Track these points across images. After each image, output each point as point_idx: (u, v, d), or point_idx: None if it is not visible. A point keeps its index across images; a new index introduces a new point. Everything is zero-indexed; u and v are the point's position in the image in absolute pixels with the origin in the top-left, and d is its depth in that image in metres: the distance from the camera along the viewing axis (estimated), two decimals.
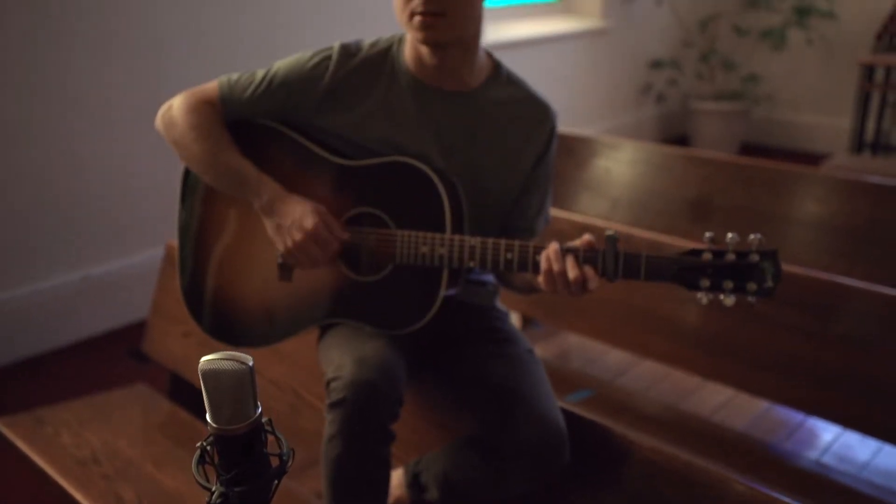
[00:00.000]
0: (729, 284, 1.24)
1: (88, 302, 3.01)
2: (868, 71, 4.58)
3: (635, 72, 5.40)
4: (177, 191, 3.21)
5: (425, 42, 1.37)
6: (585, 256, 1.28)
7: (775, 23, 5.16)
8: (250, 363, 0.78)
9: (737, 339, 2.05)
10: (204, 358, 0.78)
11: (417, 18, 1.34)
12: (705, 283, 1.25)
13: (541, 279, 1.30)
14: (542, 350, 2.93)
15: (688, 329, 2.16)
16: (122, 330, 3.10)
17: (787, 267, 1.49)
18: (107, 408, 2.08)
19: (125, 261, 3.11)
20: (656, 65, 5.36)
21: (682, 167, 3.05)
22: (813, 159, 4.98)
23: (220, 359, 0.78)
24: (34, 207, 2.84)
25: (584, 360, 2.94)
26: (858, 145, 4.67)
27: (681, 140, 5.65)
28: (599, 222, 2.36)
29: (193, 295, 1.56)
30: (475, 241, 1.35)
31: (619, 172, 3.23)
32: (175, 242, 2.13)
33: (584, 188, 3.27)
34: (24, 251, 2.85)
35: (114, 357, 2.91)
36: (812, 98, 5.41)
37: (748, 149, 5.49)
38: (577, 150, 3.28)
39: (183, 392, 2.16)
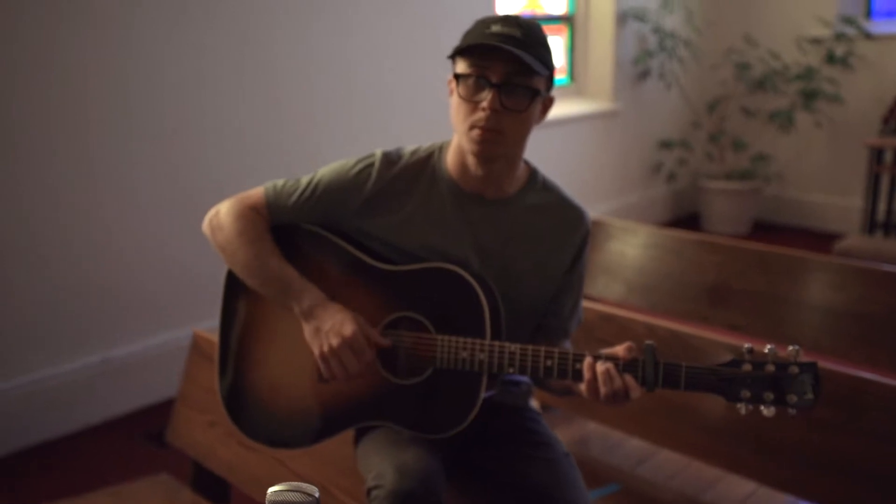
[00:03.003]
0: (769, 396, 1.25)
1: (108, 384, 3.02)
2: (877, 153, 4.66)
3: (646, 152, 5.49)
4: (197, 275, 3.25)
5: (478, 154, 1.42)
6: (625, 366, 1.30)
7: (782, 105, 5.27)
8: (316, 495, 0.79)
9: (761, 432, 2.03)
10: (271, 489, 0.79)
11: (476, 132, 1.38)
12: (746, 394, 1.26)
13: (583, 388, 1.32)
14: (560, 436, 2.89)
15: (711, 420, 2.15)
16: (141, 412, 3.09)
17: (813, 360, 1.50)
18: (129, 499, 2.06)
19: (145, 343, 3.12)
20: (666, 145, 5.45)
21: (697, 252, 3.07)
22: (825, 238, 5.02)
23: (288, 490, 0.79)
24: (54, 290, 2.87)
25: (604, 447, 2.91)
26: (870, 226, 4.71)
27: (692, 218, 5.71)
28: (622, 312, 2.36)
29: (232, 396, 1.57)
30: (515, 347, 1.37)
31: (634, 256, 3.25)
32: (203, 332, 2.16)
33: (601, 272, 3.30)
34: (44, 333, 2.87)
35: (133, 440, 2.90)
36: (821, 178, 5.49)
37: (760, 226, 5.54)
38: (593, 233, 3.30)
39: (206, 482, 2.14)
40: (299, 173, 1.62)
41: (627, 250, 3.27)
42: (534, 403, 1.70)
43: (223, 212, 1.53)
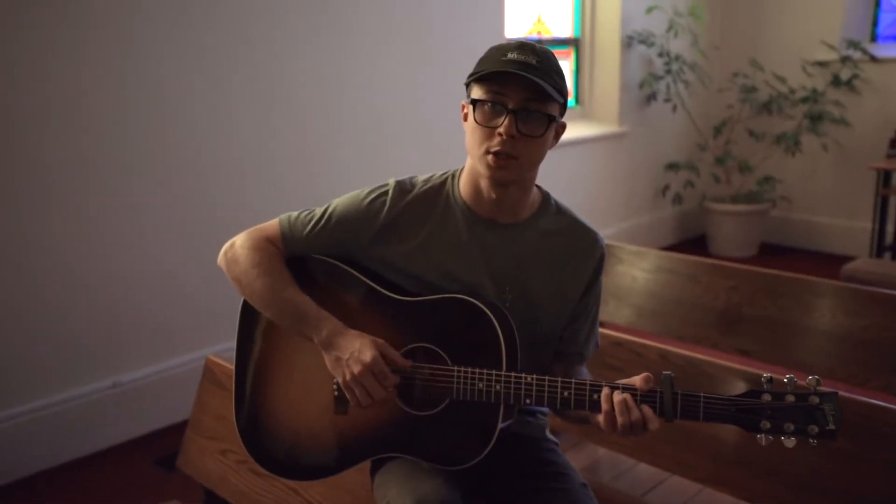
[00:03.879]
0: (790, 427, 1.24)
1: (118, 408, 3.01)
2: (884, 176, 4.66)
3: (652, 174, 5.50)
4: (207, 299, 3.25)
5: (492, 179, 1.43)
6: (643, 397, 1.29)
7: (788, 128, 5.28)
8: None
9: (773, 460, 2.01)
10: None
11: (491, 157, 1.39)
12: (766, 425, 1.25)
13: (601, 419, 1.31)
14: (569, 460, 2.89)
15: (721, 447, 2.13)
16: (150, 436, 3.08)
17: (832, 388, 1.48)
18: None
19: (155, 367, 3.12)
20: (672, 167, 5.47)
21: (707, 276, 3.07)
22: (833, 260, 5.02)
23: None
24: (64, 314, 2.87)
25: (614, 474, 2.89)
26: (878, 249, 4.70)
27: (699, 240, 5.71)
28: (634, 338, 2.36)
29: (249, 428, 1.57)
30: (531, 378, 1.36)
31: (643, 280, 3.25)
32: (215, 358, 2.16)
33: (610, 295, 3.29)
34: (55, 358, 2.87)
35: (144, 465, 2.89)
36: (828, 201, 5.49)
37: (767, 249, 5.54)
38: None
39: None
40: (310, 202, 1.62)
41: (637, 274, 3.27)
42: (548, 432, 1.69)
43: (238, 244, 1.53)
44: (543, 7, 4.91)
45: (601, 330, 2.45)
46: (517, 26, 4.75)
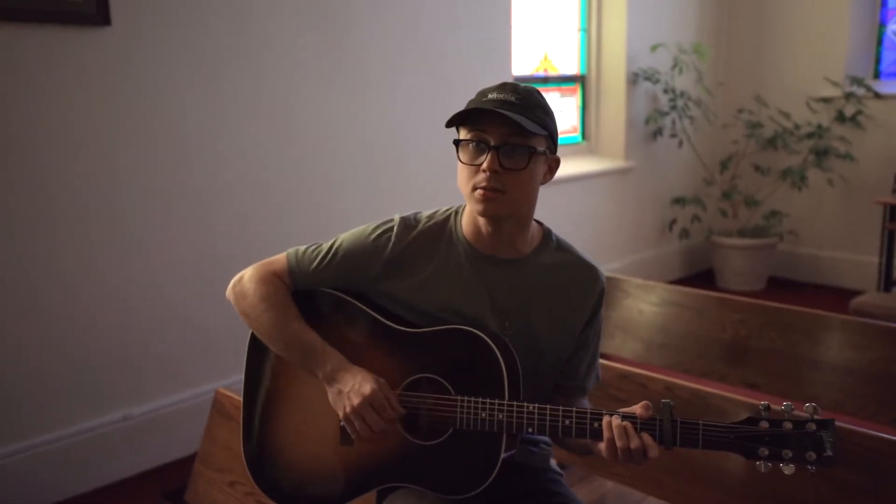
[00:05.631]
0: (788, 453, 1.26)
1: (128, 442, 3.03)
2: (891, 210, 4.68)
3: (659, 208, 5.54)
4: (217, 333, 3.27)
5: (483, 214, 1.46)
6: (643, 424, 1.31)
7: (794, 163, 5.32)
8: None
9: (783, 493, 2.01)
10: None
11: (479, 192, 1.43)
12: (764, 451, 1.27)
13: (602, 447, 1.33)
14: (577, 495, 2.87)
15: (730, 479, 2.13)
16: (160, 469, 3.09)
17: (840, 423, 1.49)
18: None
19: (166, 400, 3.14)
20: (679, 202, 5.50)
21: (715, 310, 3.08)
22: (841, 294, 5.02)
23: None
24: (75, 347, 2.90)
25: None
26: (886, 283, 4.70)
27: (706, 274, 5.72)
28: (640, 370, 2.37)
29: (255, 457, 1.59)
30: (533, 407, 1.39)
31: (650, 314, 3.26)
32: (224, 391, 2.19)
33: (617, 329, 3.30)
34: (65, 392, 2.89)
35: (151, 499, 2.89)
36: (835, 235, 5.50)
37: (775, 283, 5.54)
38: (609, 290, 3.32)
39: None
40: (312, 230, 1.65)
41: (643, 307, 3.28)
42: (553, 463, 1.70)
43: (246, 278, 1.57)
44: (550, 45, 4.99)
45: (605, 362, 2.47)
46: (524, 64, 4.83)
